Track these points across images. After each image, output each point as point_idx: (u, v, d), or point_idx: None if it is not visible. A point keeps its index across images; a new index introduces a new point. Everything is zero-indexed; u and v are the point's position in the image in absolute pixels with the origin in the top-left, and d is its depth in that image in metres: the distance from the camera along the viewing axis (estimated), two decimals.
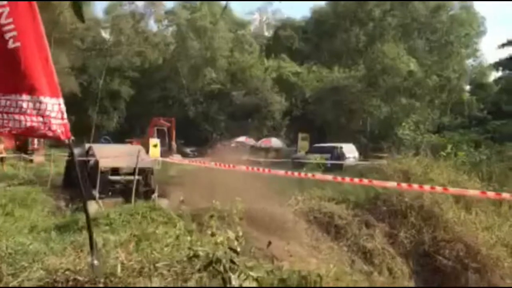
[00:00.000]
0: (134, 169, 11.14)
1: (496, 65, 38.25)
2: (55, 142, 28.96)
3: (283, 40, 50.00)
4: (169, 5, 47.30)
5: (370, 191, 8.64)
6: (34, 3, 2.62)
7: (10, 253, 3.38)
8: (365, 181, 7.22)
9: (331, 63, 41.08)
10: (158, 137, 30.12)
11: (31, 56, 2.57)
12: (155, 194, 11.43)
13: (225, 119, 42.07)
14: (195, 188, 14.39)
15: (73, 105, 39.56)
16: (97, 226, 5.95)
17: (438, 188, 6.79)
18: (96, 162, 11.37)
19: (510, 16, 76.07)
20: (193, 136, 40.35)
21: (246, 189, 15.14)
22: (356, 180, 7.24)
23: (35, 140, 22.94)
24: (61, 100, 2.64)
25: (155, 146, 27.50)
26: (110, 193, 11.40)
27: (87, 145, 12.92)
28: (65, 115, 2.65)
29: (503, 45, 35.39)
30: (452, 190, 7.24)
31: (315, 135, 33.48)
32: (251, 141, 37.40)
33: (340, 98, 36.60)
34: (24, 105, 2.59)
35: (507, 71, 37.87)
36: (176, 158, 27.79)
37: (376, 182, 7.38)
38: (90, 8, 40.39)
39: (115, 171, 11.72)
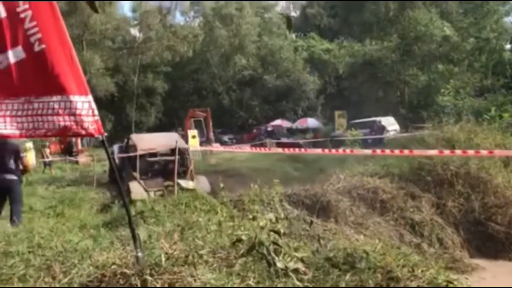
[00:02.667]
0: (172, 150, 11.67)
1: None
2: (99, 142, 29.91)
3: (311, 19, 49.27)
4: None
5: (413, 163, 8.40)
6: (55, 4, 2.64)
7: (61, 251, 3.49)
8: (406, 151, 7.01)
9: (362, 36, 40.14)
10: (195, 128, 30.52)
11: (56, 56, 2.61)
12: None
13: (259, 104, 42.09)
14: (236, 175, 14.54)
15: (111, 105, 40.83)
16: (143, 220, 6.05)
17: (483, 152, 6.52)
18: (134, 146, 12.04)
19: None
20: (230, 123, 40.69)
21: (286, 172, 15.17)
22: (397, 151, 7.06)
23: (79, 142, 23.70)
24: (90, 97, 2.67)
25: (193, 137, 27.91)
26: (149, 174, 12.08)
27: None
28: (96, 112, 2.68)
29: None
30: (498, 152, 6.94)
31: (352, 111, 32.93)
32: (287, 124, 37.32)
33: (375, 71, 35.76)
34: (56, 105, 2.64)
35: None
36: (215, 147, 28.06)
37: (417, 152, 7.15)
38: (116, 6, 41.11)
39: (153, 155, 12.33)
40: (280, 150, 10.82)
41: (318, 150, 8.64)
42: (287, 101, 41.47)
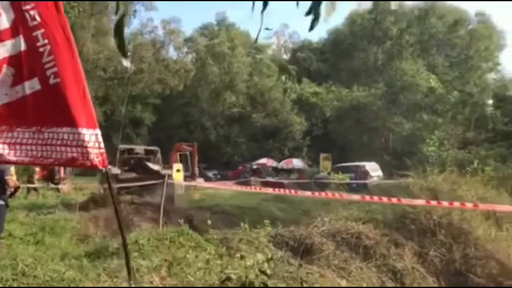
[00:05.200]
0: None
1: None
2: (80, 171, 29.48)
3: (301, 62, 50.40)
4: (188, 32, 48.32)
5: (397, 210, 8.52)
6: (73, 40, 2.77)
7: (47, 280, 3.47)
8: (394, 200, 7.13)
9: (350, 82, 41.15)
10: (180, 162, 30.43)
11: (70, 90, 2.71)
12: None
13: (246, 142, 42.36)
14: (220, 212, 14.48)
15: None
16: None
17: (468, 204, 6.66)
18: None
19: None
20: (215, 159, 40.65)
21: (270, 211, 15.16)
22: (385, 199, 7.17)
23: (62, 169, 23.38)
24: (98, 131, 2.76)
25: (178, 171, 27.73)
26: (126, 168, 16.28)
27: None
28: (102, 145, 2.77)
29: None
30: (482, 205, 7.10)
31: (337, 155, 33.29)
32: (273, 163, 37.45)
33: (361, 117, 36.51)
34: (65, 136, 2.72)
35: None
36: (199, 182, 27.95)
37: (405, 201, 7.28)
38: (110, 37, 41.59)
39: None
40: (270, 189, 10.87)
41: (308, 193, 8.73)
42: (273, 140, 41.82)
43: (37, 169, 20.38)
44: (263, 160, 37.51)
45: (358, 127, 36.93)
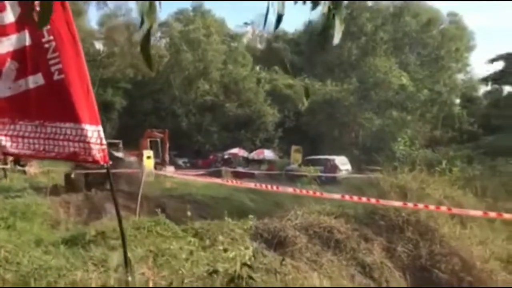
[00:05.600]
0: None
1: (485, 79, 38.97)
2: None
3: (276, 53, 50.47)
4: (163, 17, 47.48)
5: (368, 206, 8.80)
6: (78, 38, 2.81)
7: (36, 268, 3.51)
8: (373, 200, 7.40)
9: (324, 76, 41.58)
10: (151, 149, 30.17)
11: (74, 87, 2.75)
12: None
13: (218, 131, 42.29)
14: (192, 201, 14.53)
15: None
16: (104, 240, 6.04)
17: (443, 208, 6.99)
18: None
19: (498, 31, 77.59)
20: (186, 147, 40.47)
21: (242, 202, 15.32)
22: (364, 199, 7.43)
23: None
24: (100, 127, 2.82)
25: (148, 157, 27.55)
26: None
27: None
28: (104, 141, 2.82)
29: (492, 61, 36.10)
30: (455, 210, 7.45)
31: (308, 147, 33.72)
32: (244, 153, 37.60)
33: (333, 111, 37.04)
34: (68, 132, 2.77)
35: (495, 85, 38.62)
36: (169, 170, 27.87)
37: (383, 201, 7.56)
38: (83, 19, 40.62)
39: None
40: (251, 184, 11.00)
41: (290, 189, 8.94)
42: (246, 130, 41.92)
43: None
44: (234, 150, 37.61)
45: (329, 121, 37.44)
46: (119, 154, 17.67)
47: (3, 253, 3.99)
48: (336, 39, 1.91)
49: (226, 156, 35.97)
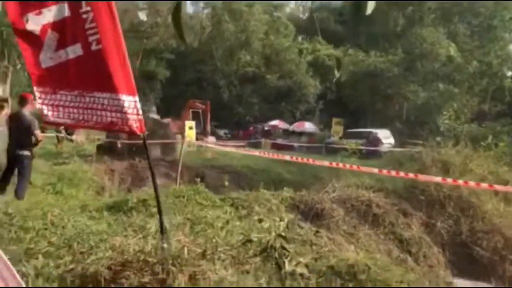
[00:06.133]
0: None
1: None
2: None
3: (319, 22, 49.39)
4: None
5: (407, 180, 8.64)
6: (114, 8, 2.85)
7: (79, 232, 3.68)
8: (411, 175, 7.26)
9: (368, 46, 40.43)
10: (193, 120, 30.62)
11: (111, 57, 2.81)
12: None
13: (258, 102, 42.21)
14: (232, 172, 14.75)
15: None
16: (145, 207, 6.23)
17: (483, 185, 6.79)
18: None
19: None
20: (227, 118, 40.75)
21: (279, 174, 15.40)
22: (402, 173, 7.31)
23: None
24: (137, 98, 2.88)
25: (190, 128, 28.01)
26: None
27: None
28: (140, 112, 2.89)
29: None
30: (498, 187, 7.21)
31: (349, 120, 33.25)
32: (284, 125, 37.53)
33: (376, 83, 36.11)
34: (105, 102, 2.85)
35: None
36: (210, 141, 28.23)
37: (422, 177, 7.40)
38: None
39: None
40: (287, 156, 11.02)
41: (326, 163, 8.90)
42: (286, 102, 41.66)
43: None
44: (274, 122, 37.58)
45: (372, 94, 36.61)
46: (156, 116, 18.35)
47: (50, 217, 4.19)
48: (369, 9, 1.85)
49: (266, 128, 36.01)
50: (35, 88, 2.99)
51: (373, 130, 26.95)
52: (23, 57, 3.17)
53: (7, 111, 7.72)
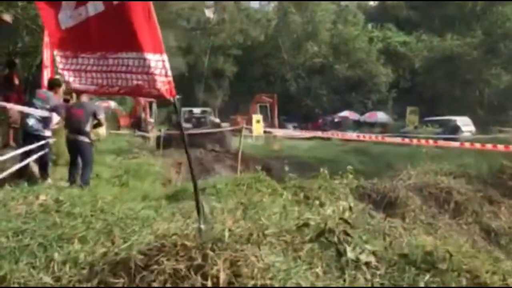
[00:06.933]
0: None
1: None
2: (164, 119, 30.48)
3: (389, 9, 47.43)
4: None
5: (494, 165, 7.76)
6: None
7: (122, 217, 3.44)
8: (489, 146, 6.45)
9: (443, 30, 38.05)
10: (260, 114, 30.52)
11: (135, 12, 2.49)
12: None
13: (327, 94, 41.23)
14: (298, 163, 14.29)
15: (180, 84, 41.65)
16: (203, 195, 5.98)
17: None
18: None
19: None
20: (295, 111, 40.22)
21: (350, 164, 14.69)
22: (478, 145, 6.51)
23: (148, 116, 24.31)
24: (165, 56, 2.53)
25: (258, 122, 27.83)
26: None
27: None
28: (169, 72, 2.54)
29: None
30: None
31: (425, 109, 31.41)
32: (355, 116, 36.36)
33: (453, 68, 33.85)
34: (130, 62, 2.55)
35: None
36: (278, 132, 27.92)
37: (501, 147, 6.56)
38: None
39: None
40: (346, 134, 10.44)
41: (397, 139, 8.24)
42: (356, 92, 40.34)
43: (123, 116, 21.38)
44: (345, 113, 36.52)
45: (449, 79, 34.36)
46: (216, 120, 19.38)
47: (100, 204, 3.99)
48: None
49: (336, 120, 35.08)
50: (55, 53, 2.77)
51: (452, 118, 25.22)
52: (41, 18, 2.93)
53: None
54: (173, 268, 2.13)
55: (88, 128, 7.15)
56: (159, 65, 2.51)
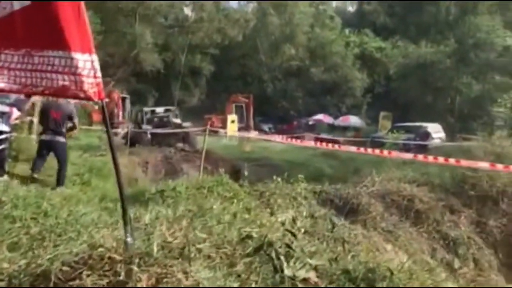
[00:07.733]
0: None
1: None
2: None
3: (367, 15, 47.91)
4: None
5: (456, 174, 7.83)
6: None
7: (60, 223, 3.28)
8: (451, 160, 6.50)
9: (418, 38, 38.66)
10: (236, 114, 30.38)
11: (62, 7, 2.33)
12: None
13: (303, 96, 41.38)
14: (268, 165, 14.25)
15: (156, 81, 41.23)
16: (163, 199, 5.86)
17: None
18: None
19: None
20: (271, 113, 40.25)
21: (319, 168, 14.74)
22: (441, 159, 6.55)
23: (120, 113, 23.88)
24: (94, 57, 2.38)
25: (232, 122, 27.78)
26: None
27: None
28: (99, 74, 2.38)
29: None
30: None
31: (398, 114, 31.81)
32: (329, 119, 36.57)
33: (427, 75, 34.41)
34: (56, 62, 2.39)
35: None
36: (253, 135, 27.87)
37: (465, 162, 6.62)
38: None
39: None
40: (312, 142, 10.43)
41: (353, 148, 8.23)
42: (331, 96, 40.58)
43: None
44: (319, 116, 36.67)
45: (422, 86, 34.93)
46: (177, 120, 19.36)
47: (45, 206, 3.81)
48: None
49: (310, 122, 35.20)
50: None
51: (423, 124, 25.58)
52: None
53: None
54: (94, 284, 2.00)
55: (64, 129, 7.20)
56: (88, 65, 2.36)
